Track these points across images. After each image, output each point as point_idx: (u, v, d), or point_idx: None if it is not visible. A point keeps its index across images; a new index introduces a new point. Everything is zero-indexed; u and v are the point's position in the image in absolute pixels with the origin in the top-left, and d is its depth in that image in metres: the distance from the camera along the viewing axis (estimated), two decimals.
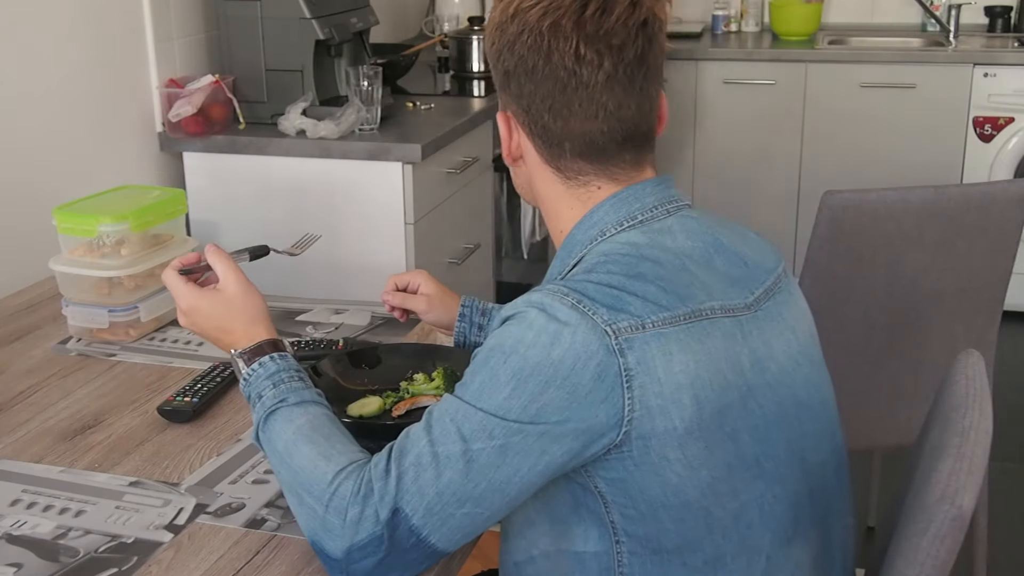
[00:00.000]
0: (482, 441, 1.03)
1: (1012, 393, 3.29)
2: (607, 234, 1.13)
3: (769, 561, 1.10)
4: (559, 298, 1.04)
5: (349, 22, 2.66)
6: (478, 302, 1.54)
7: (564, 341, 1.02)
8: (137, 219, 1.77)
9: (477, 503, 1.04)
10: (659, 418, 1.02)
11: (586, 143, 1.14)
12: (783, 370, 1.12)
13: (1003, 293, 2.12)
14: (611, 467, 1.04)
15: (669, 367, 1.02)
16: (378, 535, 1.05)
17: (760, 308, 1.12)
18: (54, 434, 1.45)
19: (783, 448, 1.10)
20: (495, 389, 1.03)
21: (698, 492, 1.04)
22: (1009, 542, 2.62)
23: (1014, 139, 3.75)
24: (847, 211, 1.96)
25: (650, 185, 1.16)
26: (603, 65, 1.10)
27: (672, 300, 1.05)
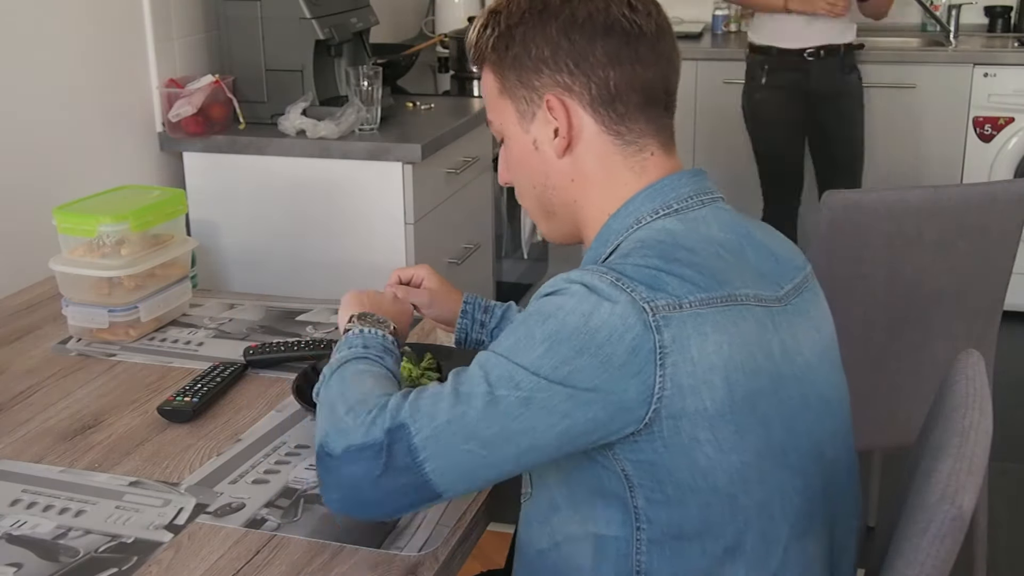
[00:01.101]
0: (507, 388, 1.03)
1: (1012, 393, 3.29)
2: (643, 222, 1.14)
3: (786, 553, 1.10)
4: (599, 276, 1.05)
5: (349, 22, 2.66)
6: (481, 299, 1.54)
7: (603, 312, 1.03)
8: (137, 219, 1.77)
9: (484, 444, 1.04)
10: (690, 397, 1.02)
11: (647, 96, 1.16)
12: (809, 365, 1.13)
13: (1003, 293, 2.11)
14: (640, 449, 1.04)
15: (703, 347, 1.03)
16: (377, 442, 1.06)
17: (789, 303, 1.14)
18: (54, 434, 1.45)
19: (806, 441, 1.11)
20: (529, 347, 1.04)
21: (727, 477, 1.05)
22: (1009, 542, 2.62)
23: (1014, 139, 3.74)
24: (847, 211, 1.96)
25: (686, 176, 1.18)
26: (651, 14, 1.16)
27: (709, 282, 1.06)
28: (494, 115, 1.24)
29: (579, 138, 1.17)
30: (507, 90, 1.19)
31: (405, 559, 1.16)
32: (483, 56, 1.21)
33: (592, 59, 1.14)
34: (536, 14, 1.15)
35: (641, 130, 1.17)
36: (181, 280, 1.86)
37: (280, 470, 1.35)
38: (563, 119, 1.16)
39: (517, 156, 1.22)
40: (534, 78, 1.16)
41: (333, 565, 1.15)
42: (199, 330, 1.82)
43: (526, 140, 1.20)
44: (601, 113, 1.16)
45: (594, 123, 1.16)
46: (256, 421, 1.49)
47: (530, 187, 1.23)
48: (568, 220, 1.23)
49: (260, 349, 1.67)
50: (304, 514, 1.25)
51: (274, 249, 2.57)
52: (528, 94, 1.17)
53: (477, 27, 1.21)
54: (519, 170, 1.24)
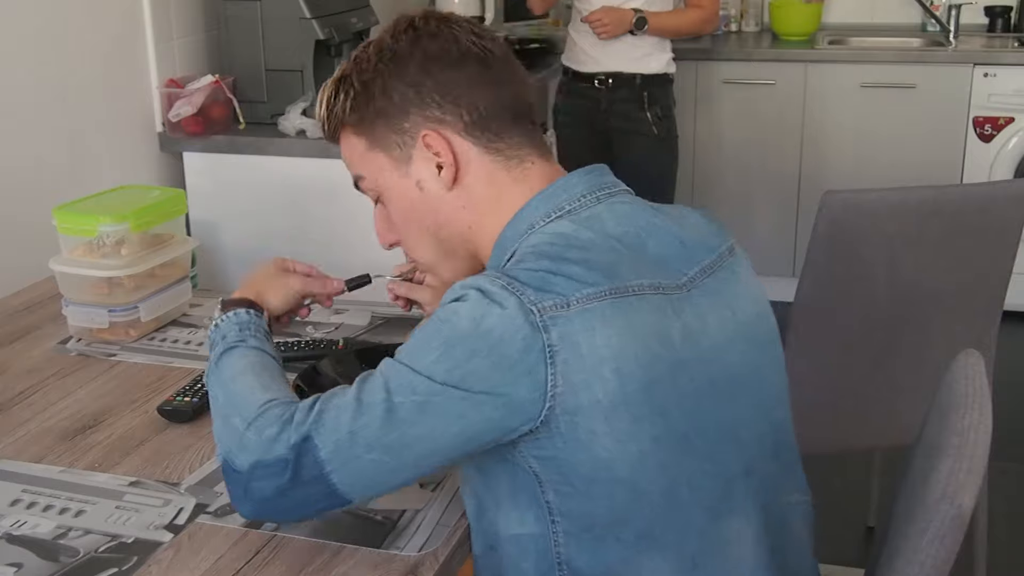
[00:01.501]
0: (404, 395, 1.06)
1: (1012, 393, 3.29)
2: (536, 227, 1.16)
3: (702, 536, 1.11)
4: (491, 280, 1.08)
5: (349, 22, 2.66)
6: None
7: (494, 315, 1.05)
8: (137, 219, 1.77)
9: (386, 451, 1.06)
10: (583, 392, 1.04)
11: (514, 112, 1.20)
12: (716, 346, 1.13)
13: (1003, 293, 2.11)
14: (541, 445, 1.07)
15: (592, 342, 1.05)
16: (283, 458, 1.08)
17: (695, 287, 1.14)
18: (54, 434, 1.45)
19: (714, 424, 1.12)
20: (426, 352, 1.07)
21: (627, 467, 1.06)
22: (1009, 542, 2.62)
23: (1014, 139, 3.74)
24: (847, 211, 1.96)
25: (577, 175, 1.20)
26: (495, 39, 1.22)
27: (596, 276, 1.08)
28: (365, 172, 1.25)
29: (465, 164, 1.20)
30: (376, 142, 1.21)
31: (405, 559, 1.16)
32: (342, 123, 1.24)
33: (457, 88, 1.18)
34: (388, 62, 1.20)
35: (519, 143, 1.20)
36: (181, 280, 1.86)
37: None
38: (445, 151, 1.19)
39: (401, 205, 1.24)
40: (404, 121, 1.19)
41: (333, 565, 1.15)
42: (199, 330, 1.82)
43: (407, 185, 1.22)
44: (478, 136, 1.19)
45: (474, 147, 1.19)
46: None
47: (424, 232, 1.25)
48: (467, 252, 1.24)
49: None
50: None
51: (274, 249, 2.54)
52: (400, 139, 1.20)
53: (326, 100, 1.25)
54: (407, 220, 1.25)
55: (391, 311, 1.86)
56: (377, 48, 1.22)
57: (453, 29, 1.19)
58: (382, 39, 1.22)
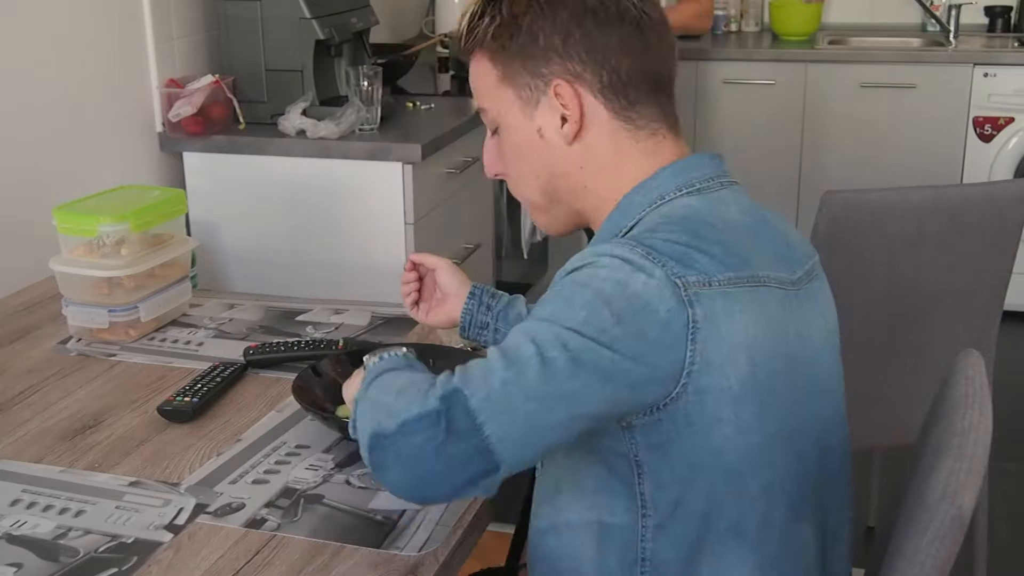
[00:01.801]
0: (557, 350, 1.01)
1: (1012, 393, 3.29)
2: (666, 198, 1.14)
3: (782, 537, 1.11)
4: (629, 248, 1.05)
5: (349, 22, 2.66)
6: (489, 287, 1.54)
7: (639, 280, 1.03)
8: (137, 219, 1.77)
9: (542, 403, 1.00)
10: (717, 374, 1.03)
11: (655, 82, 1.17)
12: (817, 350, 1.14)
13: (1003, 293, 2.11)
14: (661, 429, 1.04)
15: (731, 326, 1.04)
16: (434, 410, 1.01)
17: (802, 288, 1.14)
18: (54, 434, 1.45)
19: (808, 425, 1.12)
20: (570, 312, 1.03)
21: (738, 457, 1.06)
22: (1009, 542, 2.61)
23: (1014, 139, 3.74)
24: (847, 211, 1.96)
25: (707, 158, 1.19)
26: (656, 5, 1.18)
27: (735, 261, 1.07)
28: (490, 103, 1.21)
29: (590, 125, 1.16)
30: (508, 78, 1.18)
31: (405, 559, 1.16)
32: (479, 44, 1.19)
33: (604, 47, 1.14)
34: (544, 2, 1.15)
35: (652, 115, 1.17)
36: (181, 280, 1.86)
37: (280, 470, 1.35)
38: (574, 106, 1.15)
39: (517, 145, 1.21)
40: (542, 66, 1.15)
41: (333, 565, 1.15)
42: (199, 330, 1.82)
43: (529, 128, 1.18)
44: (612, 100, 1.16)
45: (605, 110, 1.16)
46: (256, 421, 1.49)
47: (532, 177, 1.21)
48: (571, 208, 1.22)
49: (260, 349, 1.66)
50: (304, 514, 1.25)
51: (274, 249, 2.57)
52: (534, 81, 1.16)
53: (471, 15, 1.19)
54: (519, 160, 1.22)
55: (391, 311, 1.86)
56: None
57: None
58: None
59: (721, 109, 4.00)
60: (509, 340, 1.05)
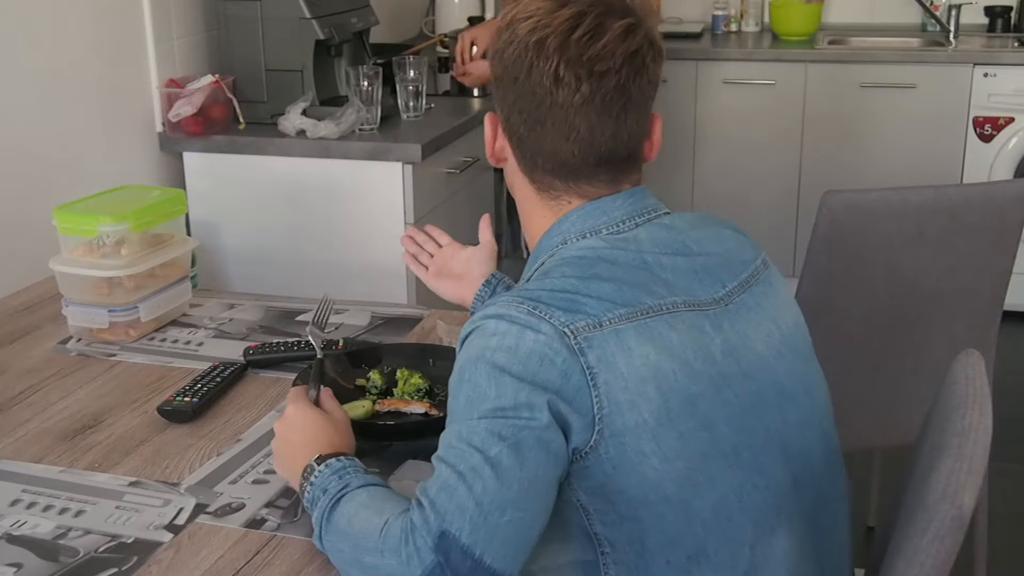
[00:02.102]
0: (496, 445, 1.02)
1: (1012, 393, 3.29)
2: (568, 242, 1.16)
3: (753, 552, 1.10)
4: (515, 307, 1.06)
5: (349, 22, 2.66)
6: (507, 279, 1.55)
7: (528, 339, 1.03)
8: (137, 219, 1.77)
9: (517, 507, 1.02)
10: (628, 412, 1.03)
11: (558, 162, 1.16)
12: (762, 359, 1.12)
13: (1003, 293, 2.11)
14: (590, 474, 1.05)
15: (630, 362, 1.03)
16: (435, 563, 1.02)
17: (732, 301, 1.13)
18: (54, 434, 1.45)
19: (762, 437, 1.11)
20: (481, 397, 1.04)
21: (676, 485, 1.05)
22: (1009, 542, 2.62)
23: (1014, 139, 3.74)
24: (847, 211, 1.96)
25: (620, 198, 1.17)
26: (580, 89, 1.11)
27: (628, 297, 1.07)
28: None
29: (507, 164, 1.21)
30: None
31: None
32: None
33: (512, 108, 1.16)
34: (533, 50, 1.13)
35: (553, 185, 1.19)
36: (181, 280, 1.86)
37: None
38: (493, 139, 1.21)
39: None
40: (493, 88, 1.20)
41: (333, 565, 1.15)
42: (199, 330, 1.82)
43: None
44: (519, 158, 1.20)
45: (513, 160, 1.20)
46: (256, 421, 1.49)
47: None
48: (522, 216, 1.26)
49: (260, 349, 1.66)
50: (304, 514, 1.25)
51: (274, 249, 2.57)
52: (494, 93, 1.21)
53: None
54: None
55: (391, 311, 1.86)
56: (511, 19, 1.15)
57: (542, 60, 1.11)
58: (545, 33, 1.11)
59: (721, 109, 4.00)
60: (449, 450, 1.04)
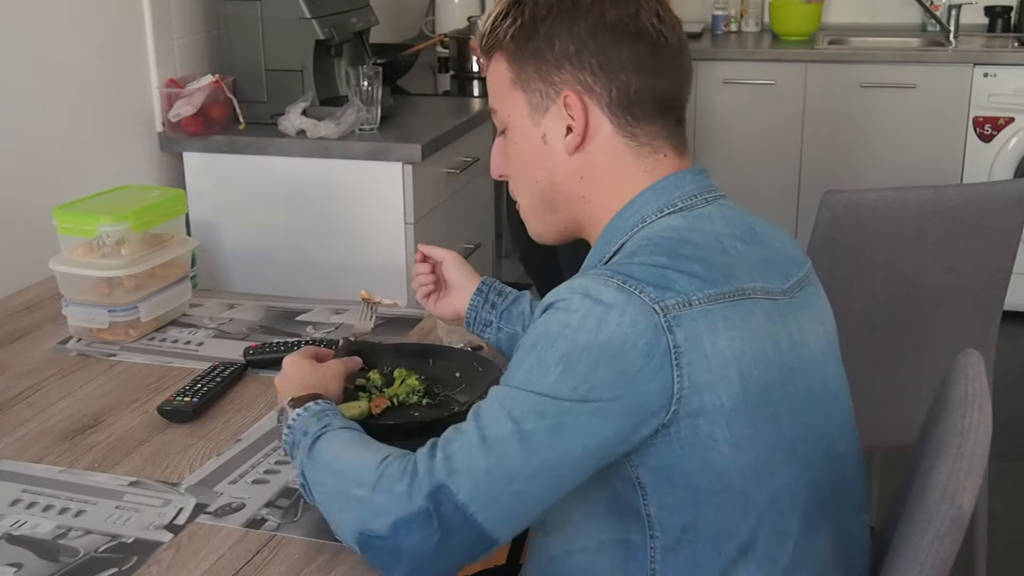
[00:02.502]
0: (533, 421, 1.02)
1: (1012, 393, 3.29)
2: (647, 220, 1.14)
3: (796, 548, 1.10)
4: (603, 281, 1.05)
5: (349, 22, 2.66)
6: (497, 283, 1.54)
7: (611, 322, 1.02)
8: (137, 219, 1.77)
9: (528, 481, 1.03)
10: (707, 395, 1.02)
11: (663, 104, 1.17)
12: (814, 358, 1.13)
13: (1003, 293, 2.11)
14: (657, 453, 1.04)
15: (715, 343, 1.03)
16: (423, 510, 1.03)
17: (794, 296, 1.14)
18: (54, 434, 1.45)
19: (813, 434, 1.11)
20: (544, 373, 1.03)
21: (740, 475, 1.05)
22: (1009, 542, 2.62)
23: (1014, 139, 3.74)
24: (847, 211, 1.96)
25: (689, 174, 1.19)
26: (675, 28, 1.17)
27: (716, 277, 1.07)
28: (501, 105, 1.22)
29: (593, 137, 1.17)
30: (521, 81, 1.18)
31: None
32: (499, 44, 1.19)
33: (617, 63, 1.14)
34: (565, 10, 1.15)
35: (655, 133, 1.17)
36: (181, 280, 1.86)
37: (280, 470, 1.35)
38: (580, 117, 1.16)
39: (522, 149, 1.21)
40: (554, 73, 1.16)
41: (333, 565, 1.15)
42: (199, 330, 1.82)
43: (534, 134, 1.19)
44: (618, 115, 1.16)
45: (610, 124, 1.16)
46: (256, 421, 1.49)
47: (532, 182, 1.22)
48: (568, 217, 1.22)
49: (260, 349, 1.66)
50: (304, 514, 1.25)
51: (274, 249, 2.57)
52: (544, 88, 1.17)
53: (495, 15, 1.20)
54: (521, 164, 1.23)
55: (391, 311, 1.86)
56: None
57: (640, 3, 1.15)
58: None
59: (721, 109, 4.00)
60: (486, 411, 1.05)
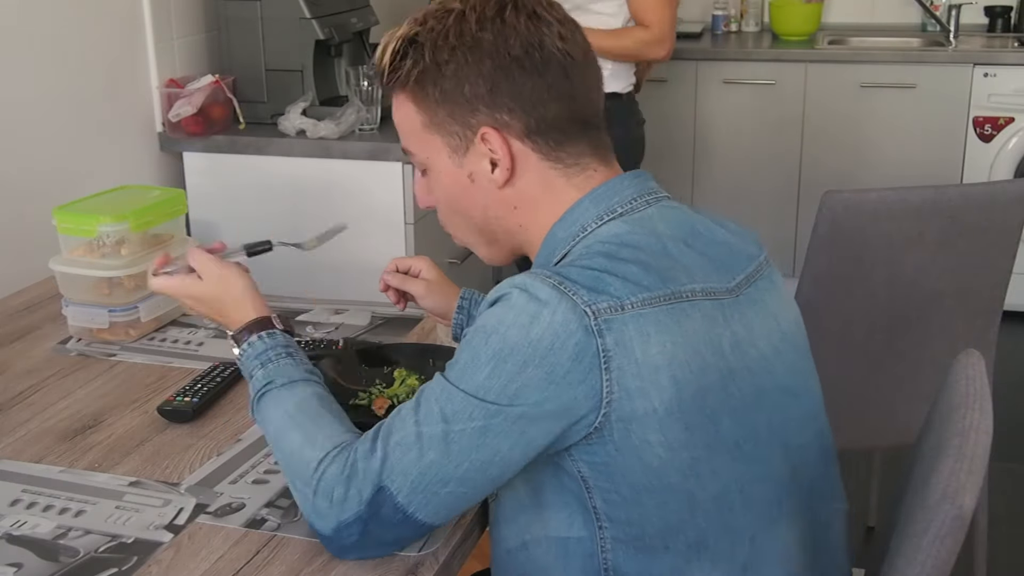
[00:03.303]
0: (462, 423, 1.04)
1: (1012, 393, 3.29)
2: (588, 229, 1.14)
3: (753, 543, 1.10)
4: (541, 279, 1.05)
5: (349, 22, 2.66)
6: (477, 295, 1.55)
7: (543, 320, 1.02)
8: (137, 219, 1.77)
9: (460, 483, 1.06)
10: (638, 400, 1.02)
11: (583, 122, 1.16)
12: (764, 355, 1.12)
13: (1003, 293, 2.11)
14: (593, 451, 1.05)
15: (647, 349, 1.03)
16: (362, 515, 1.09)
17: (742, 293, 1.13)
18: (54, 434, 1.45)
19: (764, 431, 1.11)
20: (476, 369, 1.05)
21: (679, 475, 1.05)
22: (1009, 542, 2.62)
23: (1014, 139, 3.74)
24: (847, 211, 1.96)
25: (627, 179, 1.18)
26: (577, 41, 1.16)
27: (653, 281, 1.06)
28: (417, 148, 1.20)
29: (521, 169, 1.16)
30: (435, 125, 1.16)
31: (405, 559, 1.16)
32: (400, 85, 1.17)
33: (531, 95, 1.13)
34: (467, 50, 1.12)
35: (580, 152, 1.17)
36: None
37: (280, 470, 1.35)
38: (503, 151, 1.14)
39: (450, 191, 1.20)
40: (469, 115, 1.14)
41: (333, 565, 1.15)
42: (199, 330, 1.82)
43: (459, 174, 1.18)
44: (539, 143, 1.15)
45: (533, 153, 1.15)
46: None
47: (467, 218, 1.22)
48: (510, 244, 1.23)
49: None
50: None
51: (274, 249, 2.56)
52: (461, 130, 1.15)
53: (391, 52, 1.16)
54: (454, 204, 1.22)
55: (391, 311, 1.86)
56: (458, 27, 1.12)
57: (542, 29, 1.13)
58: (465, 17, 1.12)
59: (721, 109, 4.00)
60: (425, 403, 1.07)
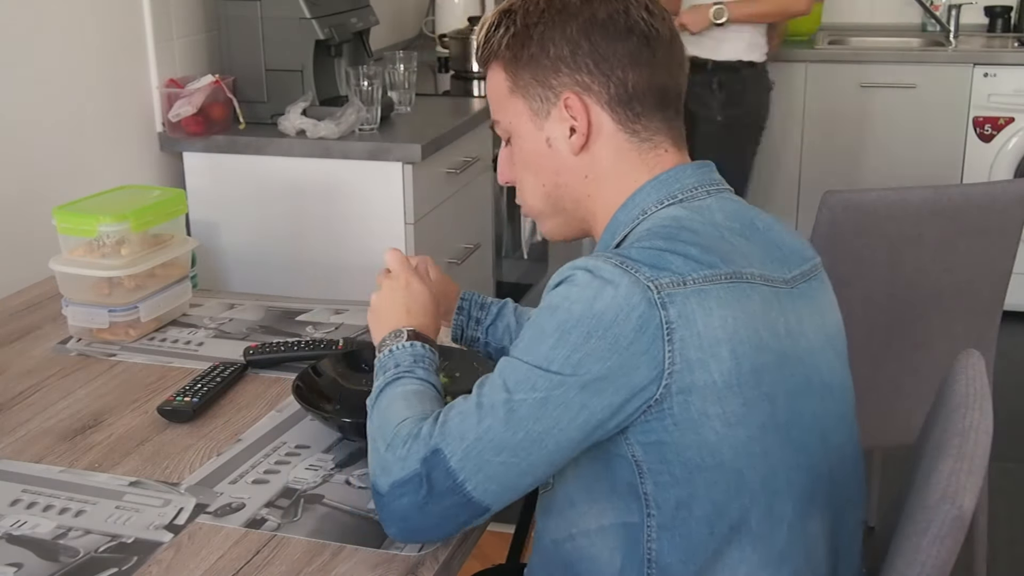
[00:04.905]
0: (524, 392, 1.06)
1: (1012, 393, 3.29)
2: (648, 212, 1.17)
3: (790, 531, 1.11)
4: (603, 259, 1.08)
5: (349, 22, 2.66)
6: (477, 296, 1.55)
7: (607, 295, 1.05)
8: (137, 219, 1.77)
9: (514, 452, 1.07)
10: (699, 371, 1.04)
11: (662, 96, 1.19)
12: (812, 348, 1.15)
13: (1003, 293, 2.12)
14: (650, 428, 1.06)
15: (709, 321, 1.05)
16: (416, 473, 1.09)
17: (796, 286, 1.16)
18: (54, 434, 1.45)
19: (809, 420, 1.12)
20: (540, 342, 1.07)
21: (732, 452, 1.06)
22: (1009, 542, 2.62)
23: (1014, 139, 3.75)
24: (847, 211, 1.96)
25: (691, 168, 1.21)
26: (665, 19, 1.20)
27: (713, 260, 1.09)
28: (502, 114, 1.25)
29: (596, 136, 1.19)
30: (520, 88, 1.21)
31: (405, 559, 1.16)
32: (494, 55, 1.22)
33: (612, 60, 1.17)
34: (555, 13, 1.18)
35: (656, 128, 1.20)
36: (181, 280, 1.86)
37: (280, 470, 1.35)
38: (582, 117, 1.18)
39: (527, 154, 1.24)
40: (552, 77, 1.18)
41: (333, 565, 1.15)
42: (199, 330, 1.82)
43: (539, 138, 1.22)
44: (618, 112, 1.18)
45: (611, 121, 1.19)
46: (256, 421, 1.49)
47: (539, 185, 1.25)
48: (576, 216, 1.25)
49: (260, 349, 1.66)
50: (304, 514, 1.25)
51: (274, 249, 2.57)
52: (544, 92, 1.19)
53: (487, 26, 1.23)
54: (528, 168, 1.25)
55: None
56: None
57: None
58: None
59: None
60: (489, 379, 1.10)
